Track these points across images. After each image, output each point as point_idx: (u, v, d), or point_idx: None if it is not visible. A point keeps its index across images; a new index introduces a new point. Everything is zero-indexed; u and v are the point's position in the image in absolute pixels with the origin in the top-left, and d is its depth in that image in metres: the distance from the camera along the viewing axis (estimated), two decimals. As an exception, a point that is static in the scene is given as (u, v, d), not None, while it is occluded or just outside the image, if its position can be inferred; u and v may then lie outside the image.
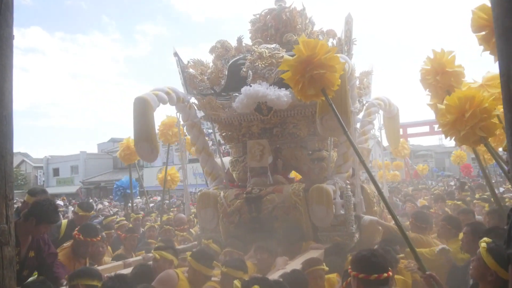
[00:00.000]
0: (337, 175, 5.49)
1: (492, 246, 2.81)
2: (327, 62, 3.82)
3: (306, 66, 3.81)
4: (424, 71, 4.70)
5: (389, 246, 4.47)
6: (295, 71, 3.90)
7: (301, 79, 3.88)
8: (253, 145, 5.65)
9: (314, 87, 3.88)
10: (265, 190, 5.34)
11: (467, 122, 3.67)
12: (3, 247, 1.83)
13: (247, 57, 5.65)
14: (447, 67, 4.57)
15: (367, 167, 3.97)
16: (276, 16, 6.26)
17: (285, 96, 5.18)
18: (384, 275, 2.79)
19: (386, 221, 6.67)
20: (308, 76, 3.83)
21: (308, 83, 3.86)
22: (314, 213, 5.13)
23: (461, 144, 4.21)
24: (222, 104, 5.69)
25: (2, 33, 1.61)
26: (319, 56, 3.81)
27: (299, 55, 3.85)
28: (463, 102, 3.72)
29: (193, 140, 6.29)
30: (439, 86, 4.65)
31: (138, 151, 5.13)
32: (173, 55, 6.12)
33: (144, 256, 5.00)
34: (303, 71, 3.85)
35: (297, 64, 3.88)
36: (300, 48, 3.83)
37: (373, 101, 6.80)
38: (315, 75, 3.80)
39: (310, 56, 3.82)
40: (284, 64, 3.99)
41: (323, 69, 3.80)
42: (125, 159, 9.36)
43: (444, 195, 9.38)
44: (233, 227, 5.42)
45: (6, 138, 1.72)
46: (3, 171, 1.73)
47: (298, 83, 3.93)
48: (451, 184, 17.13)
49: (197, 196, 6.60)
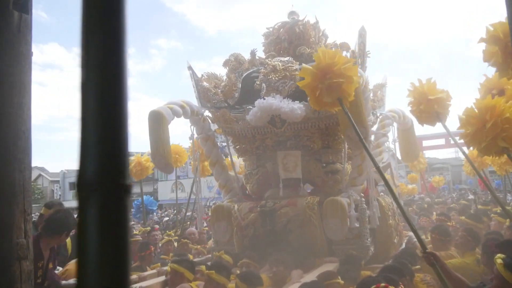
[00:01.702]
0: (352, 188, 5.45)
1: (509, 261, 2.75)
2: (346, 72, 3.85)
3: (325, 74, 3.86)
4: (410, 103, 4.89)
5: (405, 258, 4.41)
6: (314, 78, 3.94)
7: (319, 87, 3.91)
8: (286, 156, 5.62)
9: (331, 95, 3.91)
10: (279, 204, 5.31)
11: (488, 133, 3.61)
12: (21, 261, 1.83)
13: (260, 70, 5.68)
14: (429, 95, 4.71)
15: (386, 179, 3.94)
16: (290, 29, 6.29)
17: (299, 109, 5.17)
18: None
19: (400, 233, 6.60)
20: (327, 84, 3.86)
21: (325, 91, 3.89)
22: (328, 226, 5.08)
23: (483, 155, 4.16)
24: (235, 117, 5.71)
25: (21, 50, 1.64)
26: (338, 65, 3.85)
27: (318, 63, 3.89)
28: (483, 112, 3.65)
29: (207, 153, 6.31)
30: (424, 115, 4.83)
31: (154, 163, 5.23)
32: (187, 69, 6.17)
33: (159, 269, 4.99)
34: (322, 79, 3.89)
35: (316, 71, 3.92)
36: (320, 56, 3.87)
37: (387, 113, 6.76)
38: (333, 84, 3.84)
39: (329, 65, 3.86)
40: (303, 71, 4.02)
41: (342, 78, 3.83)
42: (136, 175, 9.45)
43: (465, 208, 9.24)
44: (247, 241, 5.39)
45: (25, 153, 1.74)
46: (22, 186, 1.75)
47: (315, 90, 3.96)
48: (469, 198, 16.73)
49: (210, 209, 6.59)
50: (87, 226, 0.55)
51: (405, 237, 6.70)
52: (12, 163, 1.72)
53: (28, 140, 1.73)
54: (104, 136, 0.57)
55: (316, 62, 3.93)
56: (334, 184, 5.65)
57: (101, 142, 0.57)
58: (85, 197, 0.56)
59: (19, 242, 1.81)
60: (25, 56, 1.64)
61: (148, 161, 9.37)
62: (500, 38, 3.37)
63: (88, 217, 0.56)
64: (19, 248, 1.81)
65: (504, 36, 3.31)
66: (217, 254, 5.00)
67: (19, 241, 1.82)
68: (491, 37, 3.43)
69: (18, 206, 1.78)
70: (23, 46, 1.64)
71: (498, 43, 3.38)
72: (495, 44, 3.37)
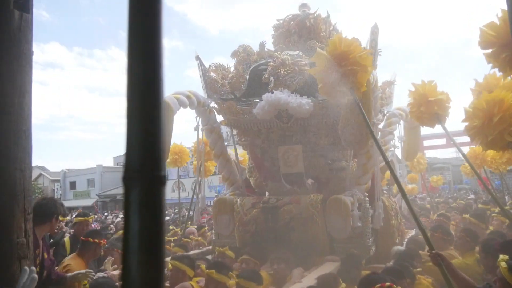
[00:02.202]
0: (356, 186, 5.40)
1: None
2: (361, 60, 3.79)
3: (340, 61, 3.79)
4: (410, 104, 4.83)
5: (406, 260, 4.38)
6: (328, 64, 3.87)
7: (333, 74, 3.85)
8: (286, 151, 5.57)
9: (344, 83, 3.85)
10: (282, 201, 5.27)
11: (495, 126, 3.53)
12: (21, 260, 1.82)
13: (269, 63, 5.59)
14: (429, 96, 4.67)
15: (397, 178, 3.91)
16: (300, 22, 6.19)
17: (306, 104, 5.11)
18: None
19: (402, 233, 6.57)
20: (341, 71, 3.80)
21: (340, 77, 3.84)
22: (331, 224, 5.05)
23: (487, 149, 4.10)
24: (242, 109, 5.65)
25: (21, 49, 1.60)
26: (354, 53, 3.78)
27: (334, 49, 3.82)
28: (491, 105, 3.58)
29: (211, 145, 6.27)
30: (425, 116, 4.81)
31: None
32: (195, 59, 6.10)
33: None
34: (336, 66, 3.82)
35: (331, 57, 3.86)
36: (336, 42, 3.80)
37: (394, 111, 6.68)
38: (348, 71, 3.77)
39: (345, 52, 3.80)
40: (317, 56, 3.94)
41: (357, 66, 3.76)
42: None
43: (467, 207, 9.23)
44: (249, 236, 5.36)
45: (26, 152, 1.71)
46: (22, 186, 1.72)
47: (328, 75, 3.91)
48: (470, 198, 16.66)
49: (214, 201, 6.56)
50: (131, 215, 0.62)
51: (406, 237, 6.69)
52: (13, 162, 1.69)
53: (28, 140, 1.70)
54: (145, 132, 0.64)
55: (332, 48, 3.86)
56: (338, 182, 5.61)
57: (143, 138, 0.63)
58: (129, 188, 0.63)
59: (19, 242, 1.79)
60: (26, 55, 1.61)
61: None
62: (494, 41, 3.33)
63: (132, 207, 0.62)
64: (19, 247, 1.79)
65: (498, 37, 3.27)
66: (220, 249, 4.97)
67: (20, 241, 1.80)
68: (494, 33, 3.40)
69: (18, 205, 1.76)
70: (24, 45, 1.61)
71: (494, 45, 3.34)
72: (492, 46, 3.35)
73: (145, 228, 0.62)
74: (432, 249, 3.35)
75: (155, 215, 0.63)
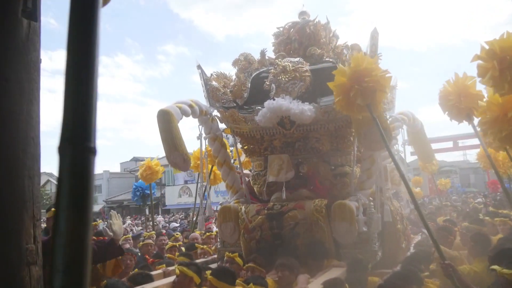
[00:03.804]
0: (360, 191, 5.40)
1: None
2: (381, 80, 3.90)
3: (363, 77, 3.88)
4: (446, 93, 4.77)
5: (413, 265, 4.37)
6: (350, 79, 3.95)
7: (355, 88, 3.91)
8: (273, 160, 5.60)
9: (364, 99, 3.92)
10: (286, 206, 5.27)
11: (510, 121, 3.57)
12: (30, 266, 1.83)
13: (270, 71, 5.63)
14: (470, 89, 4.63)
15: (407, 182, 3.93)
16: (300, 29, 6.24)
17: (308, 110, 5.13)
18: None
19: (408, 238, 6.55)
20: (364, 87, 3.87)
21: (360, 93, 3.90)
22: (336, 229, 5.04)
23: (501, 144, 4.07)
24: (244, 117, 5.68)
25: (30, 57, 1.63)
26: (375, 72, 3.89)
27: (356, 65, 3.93)
28: (507, 99, 3.61)
29: (214, 153, 6.28)
30: (462, 107, 4.72)
31: (171, 162, 5.04)
32: (197, 68, 6.14)
33: (165, 270, 4.98)
34: (358, 81, 3.90)
35: (353, 73, 3.94)
36: (358, 58, 3.94)
37: (397, 116, 6.70)
38: (369, 88, 3.86)
39: (368, 69, 3.89)
40: (339, 71, 4.08)
41: (377, 85, 3.86)
42: (146, 179, 9.51)
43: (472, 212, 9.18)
44: (254, 243, 5.35)
45: (34, 159, 1.72)
46: (31, 193, 1.73)
47: (349, 90, 3.96)
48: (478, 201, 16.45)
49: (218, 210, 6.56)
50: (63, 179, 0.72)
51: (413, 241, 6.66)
52: (21, 169, 1.71)
53: (37, 147, 1.72)
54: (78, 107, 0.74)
55: (354, 64, 3.96)
56: (342, 187, 5.61)
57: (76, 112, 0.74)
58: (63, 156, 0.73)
59: (28, 248, 1.80)
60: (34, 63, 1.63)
61: (157, 165, 9.40)
62: (497, 53, 3.45)
63: (64, 173, 0.73)
64: (28, 253, 1.80)
65: (501, 51, 3.42)
66: (229, 255, 4.95)
67: (28, 247, 1.81)
68: (488, 53, 3.52)
69: (27, 212, 1.77)
70: (32, 53, 1.63)
71: (495, 57, 3.45)
72: (492, 58, 3.43)
73: (76, 190, 0.72)
74: (443, 259, 3.32)
75: (85, 179, 0.73)
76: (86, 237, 0.72)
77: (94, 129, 0.74)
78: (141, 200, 10.87)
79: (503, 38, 3.51)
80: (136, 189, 10.82)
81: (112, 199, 42.20)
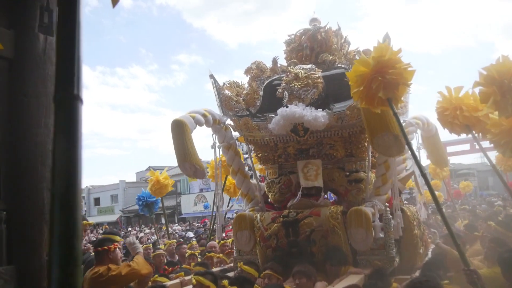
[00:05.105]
0: (376, 197, 5.36)
1: None
2: (405, 73, 3.73)
3: (387, 68, 3.67)
4: (442, 109, 4.85)
5: (432, 271, 4.31)
6: (373, 70, 3.73)
7: (378, 79, 3.70)
8: (306, 165, 5.57)
9: (386, 91, 3.70)
10: (302, 214, 5.24)
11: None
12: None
13: (282, 78, 5.64)
14: (464, 101, 4.81)
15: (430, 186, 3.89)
16: (311, 36, 6.24)
17: (322, 117, 5.12)
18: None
19: (426, 243, 6.46)
20: (388, 78, 3.66)
21: (383, 85, 3.69)
22: (353, 236, 5.00)
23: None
24: (258, 125, 5.69)
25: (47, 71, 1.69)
26: (399, 64, 3.71)
27: (380, 55, 3.71)
28: None
29: (229, 161, 6.30)
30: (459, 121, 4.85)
31: (183, 171, 5.14)
32: (209, 77, 6.18)
33: (182, 280, 4.99)
34: (382, 72, 3.69)
35: (376, 63, 3.73)
36: (382, 49, 3.73)
37: (410, 120, 6.63)
38: (393, 80, 3.66)
39: (393, 60, 3.70)
40: (361, 61, 3.83)
41: (400, 78, 3.70)
42: (156, 193, 9.53)
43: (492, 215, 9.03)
44: (271, 251, 5.34)
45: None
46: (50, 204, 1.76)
47: (370, 82, 3.75)
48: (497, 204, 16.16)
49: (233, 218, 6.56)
50: None
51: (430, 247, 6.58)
52: (40, 182, 1.74)
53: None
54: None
55: (377, 54, 3.73)
56: (357, 193, 5.57)
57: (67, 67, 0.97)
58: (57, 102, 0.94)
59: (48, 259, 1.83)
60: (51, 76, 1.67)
61: (166, 179, 9.37)
62: (496, 78, 3.50)
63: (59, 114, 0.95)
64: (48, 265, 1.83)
65: (499, 76, 3.47)
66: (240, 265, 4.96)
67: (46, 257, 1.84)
68: (486, 78, 3.54)
69: (47, 223, 1.80)
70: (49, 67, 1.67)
71: (494, 83, 3.50)
72: (492, 84, 3.45)
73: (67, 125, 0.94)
74: (467, 266, 3.26)
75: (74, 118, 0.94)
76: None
77: (79, 81, 0.96)
78: (147, 209, 10.85)
79: (500, 63, 3.59)
80: (139, 198, 10.85)
81: (129, 209, 42.47)
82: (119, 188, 45.07)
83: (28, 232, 1.76)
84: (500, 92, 3.44)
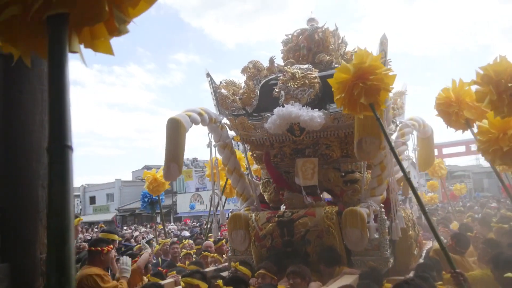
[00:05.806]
0: (371, 198, 5.36)
1: None
2: (386, 78, 3.76)
3: (367, 75, 3.71)
4: (443, 101, 4.84)
5: (426, 272, 4.32)
6: (354, 76, 3.77)
7: (359, 85, 3.74)
8: (304, 163, 5.56)
9: (367, 97, 3.74)
10: (297, 214, 5.24)
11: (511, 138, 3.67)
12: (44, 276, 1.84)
13: (279, 78, 5.64)
14: (467, 97, 4.76)
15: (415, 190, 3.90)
16: (309, 36, 6.24)
17: (318, 117, 5.12)
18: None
19: (420, 245, 6.48)
20: (368, 85, 3.70)
21: (365, 91, 3.72)
22: (347, 236, 5.01)
23: (503, 162, 4.11)
24: (254, 124, 5.68)
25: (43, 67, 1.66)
26: (380, 69, 3.74)
27: (361, 62, 3.75)
28: (505, 121, 3.66)
29: (224, 160, 6.29)
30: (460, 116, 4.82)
31: (166, 170, 5.06)
32: (206, 76, 6.17)
33: (176, 279, 4.98)
34: (363, 78, 3.72)
35: (357, 70, 3.77)
36: (363, 55, 3.75)
37: (407, 121, 6.65)
38: (373, 86, 3.70)
39: (372, 67, 3.72)
40: (342, 68, 3.87)
41: (381, 83, 3.73)
42: (153, 191, 9.57)
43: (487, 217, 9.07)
44: (265, 251, 5.34)
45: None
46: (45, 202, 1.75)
47: (352, 88, 3.79)
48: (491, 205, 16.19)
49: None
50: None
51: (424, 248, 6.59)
52: (35, 179, 1.73)
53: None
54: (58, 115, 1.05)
55: (358, 61, 3.77)
56: (353, 194, 5.57)
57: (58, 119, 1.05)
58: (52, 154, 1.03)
59: (42, 258, 1.82)
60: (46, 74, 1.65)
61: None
62: (492, 78, 3.52)
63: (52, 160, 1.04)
64: (42, 263, 1.81)
65: (496, 75, 3.49)
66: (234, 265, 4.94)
67: (42, 257, 1.82)
68: (483, 78, 3.60)
69: (41, 221, 1.79)
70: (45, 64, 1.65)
71: (491, 82, 3.52)
72: (489, 83, 3.48)
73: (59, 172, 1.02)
74: (453, 268, 3.27)
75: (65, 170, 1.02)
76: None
77: (69, 133, 1.05)
78: (150, 207, 10.88)
79: (497, 62, 3.61)
80: (144, 195, 10.85)
81: (124, 208, 42.33)
82: (114, 187, 44.92)
83: (22, 230, 1.74)
84: (496, 91, 3.47)
